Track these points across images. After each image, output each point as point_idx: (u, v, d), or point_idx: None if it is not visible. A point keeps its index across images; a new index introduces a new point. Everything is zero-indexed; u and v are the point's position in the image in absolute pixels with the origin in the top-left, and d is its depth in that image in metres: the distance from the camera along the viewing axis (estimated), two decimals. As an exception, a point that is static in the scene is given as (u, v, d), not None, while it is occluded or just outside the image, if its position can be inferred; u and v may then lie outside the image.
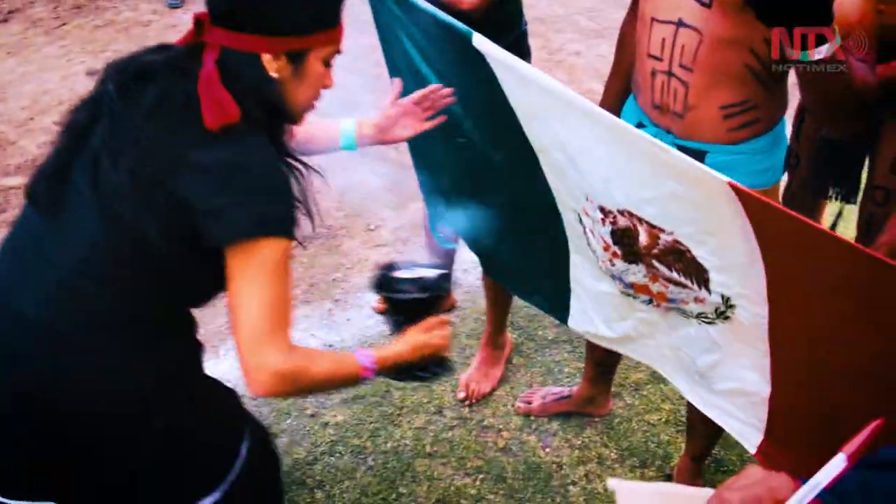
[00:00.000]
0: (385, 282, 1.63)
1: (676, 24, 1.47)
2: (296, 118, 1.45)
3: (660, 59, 1.52)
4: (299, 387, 1.34)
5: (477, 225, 2.09)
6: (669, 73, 1.51)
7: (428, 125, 1.78)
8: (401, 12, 1.85)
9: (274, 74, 1.31)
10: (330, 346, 2.71)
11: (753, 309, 1.35)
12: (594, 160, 1.48)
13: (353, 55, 2.18)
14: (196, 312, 1.50)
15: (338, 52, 1.39)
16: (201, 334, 1.53)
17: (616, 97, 1.93)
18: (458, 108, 1.85)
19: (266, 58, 1.30)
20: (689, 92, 1.49)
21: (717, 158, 1.53)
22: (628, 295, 1.67)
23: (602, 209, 1.52)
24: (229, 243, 1.26)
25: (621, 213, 1.48)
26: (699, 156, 1.54)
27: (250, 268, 1.26)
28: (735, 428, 1.68)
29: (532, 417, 2.44)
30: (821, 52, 1.10)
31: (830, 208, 2.60)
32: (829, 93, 1.22)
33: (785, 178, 1.97)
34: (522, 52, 2.11)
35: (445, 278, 1.69)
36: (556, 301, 2.01)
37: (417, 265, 1.67)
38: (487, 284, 2.47)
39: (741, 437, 1.67)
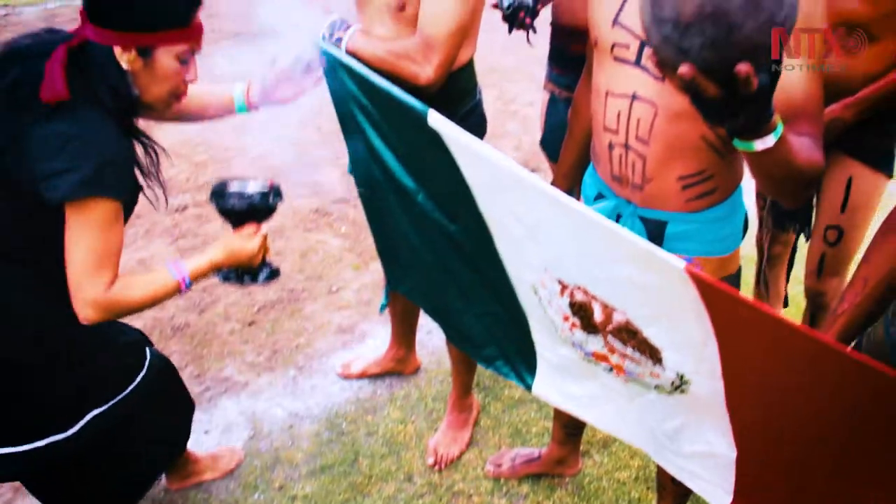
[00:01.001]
0: (217, 192, 1.86)
1: (631, 98, 1.50)
2: (154, 106, 1.65)
3: (616, 133, 1.54)
4: (120, 311, 1.64)
5: (433, 292, 2.09)
6: (626, 146, 1.53)
7: (308, 88, 1.98)
8: (354, 84, 1.86)
9: (125, 66, 1.54)
10: (295, 415, 2.68)
11: (710, 384, 1.36)
12: (550, 236, 1.49)
13: (313, 110, 2.20)
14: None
15: (193, 50, 1.61)
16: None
17: (572, 165, 1.96)
18: (413, 179, 1.86)
19: (118, 50, 1.52)
20: (647, 164, 1.51)
21: (677, 227, 1.55)
22: (590, 362, 1.68)
23: (560, 282, 1.53)
24: (64, 202, 1.50)
25: (578, 288, 1.49)
26: (659, 225, 1.57)
27: (79, 223, 1.53)
28: (704, 489, 1.68)
29: (502, 480, 2.43)
30: (765, 144, 1.12)
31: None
32: (772, 178, 1.25)
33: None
34: (477, 121, 2.13)
35: (268, 195, 1.88)
36: (521, 366, 2.00)
37: (248, 181, 1.89)
38: (452, 348, 2.47)
39: (711, 498, 1.67)
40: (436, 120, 1.60)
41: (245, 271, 1.89)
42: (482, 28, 2.01)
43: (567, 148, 1.98)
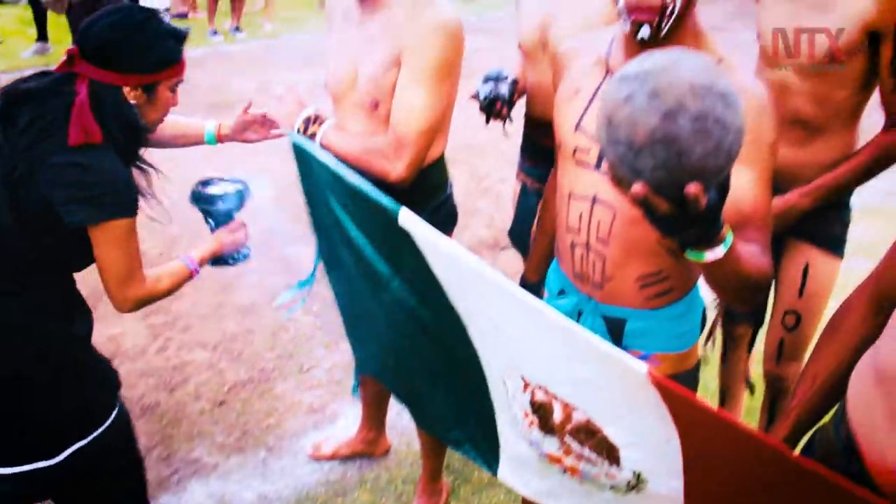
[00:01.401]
0: (197, 195, 2.16)
1: (592, 201, 1.57)
2: (150, 130, 1.89)
3: (578, 233, 1.61)
4: (152, 300, 1.89)
5: (403, 375, 2.12)
6: (588, 247, 1.60)
7: (274, 135, 2.24)
8: (327, 176, 1.92)
9: (133, 101, 1.77)
10: (265, 497, 2.67)
11: (669, 483, 1.39)
12: (514, 334, 1.53)
13: (285, 186, 2.26)
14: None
15: (181, 80, 1.85)
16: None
17: (543, 258, 2.03)
18: (385, 268, 1.90)
19: (126, 89, 1.75)
20: (607, 264, 1.58)
21: (636, 325, 1.61)
22: (545, 462, 1.71)
23: (523, 378, 1.58)
24: (87, 225, 1.71)
25: (539, 387, 1.53)
26: (619, 322, 1.63)
27: (106, 241, 1.75)
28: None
29: (472, 566, 2.43)
30: (715, 255, 1.19)
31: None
32: (723, 286, 1.31)
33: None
34: (448, 213, 2.20)
35: (242, 194, 2.19)
36: (487, 451, 2.03)
37: (224, 180, 2.20)
38: (421, 431, 2.49)
39: None
40: (406, 219, 1.66)
41: (229, 255, 2.22)
42: (454, 110, 2.08)
43: (538, 241, 2.05)
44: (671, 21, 1.42)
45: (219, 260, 2.19)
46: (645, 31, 1.43)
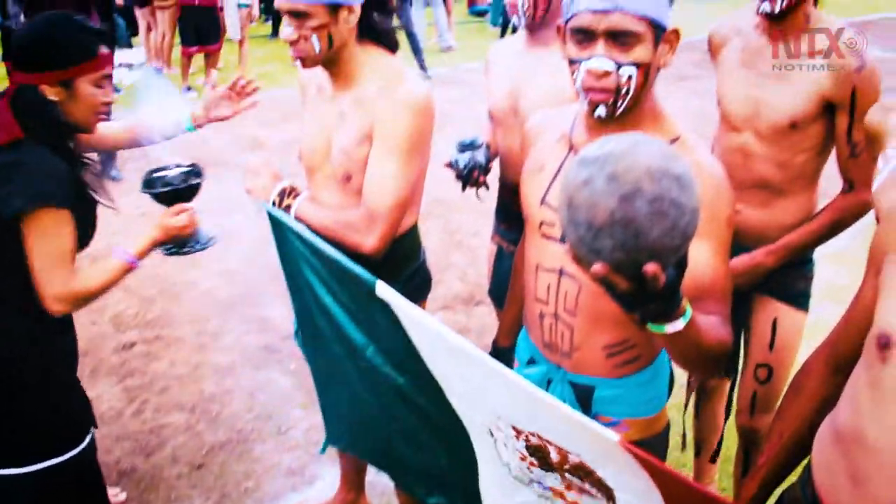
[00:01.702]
0: (147, 182, 2.25)
1: (559, 273, 1.62)
2: (83, 128, 2.03)
3: (546, 304, 1.66)
4: (82, 301, 1.98)
5: (380, 442, 2.14)
6: (556, 317, 1.65)
7: (243, 108, 2.45)
8: (302, 246, 1.97)
9: (53, 98, 1.91)
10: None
11: None
12: (496, 394, 1.57)
13: (261, 246, 2.29)
14: None
15: (106, 75, 1.98)
16: None
17: (515, 322, 2.07)
18: (361, 335, 1.94)
19: (45, 88, 1.90)
20: (574, 334, 1.63)
21: (604, 392, 1.66)
22: (546, 499, 1.73)
23: (514, 427, 1.61)
24: (20, 214, 1.84)
25: (532, 434, 1.57)
26: (588, 390, 1.67)
27: (31, 233, 1.87)
28: None
29: None
30: (675, 328, 1.24)
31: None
32: (683, 356, 1.37)
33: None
34: (422, 280, 2.25)
35: (188, 178, 2.26)
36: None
37: (173, 166, 2.31)
38: (400, 492, 2.50)
39: None
40: (383, 290, 1.71)
41: (185, 243, 2.23)
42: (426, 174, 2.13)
43: (508, 308, 2.10)
44: (627, 101, 1.49)
45: (172, 248, 2.21)
46: (601, 111, 1.50)
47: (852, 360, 1.35)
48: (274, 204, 2.06)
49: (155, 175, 2.27)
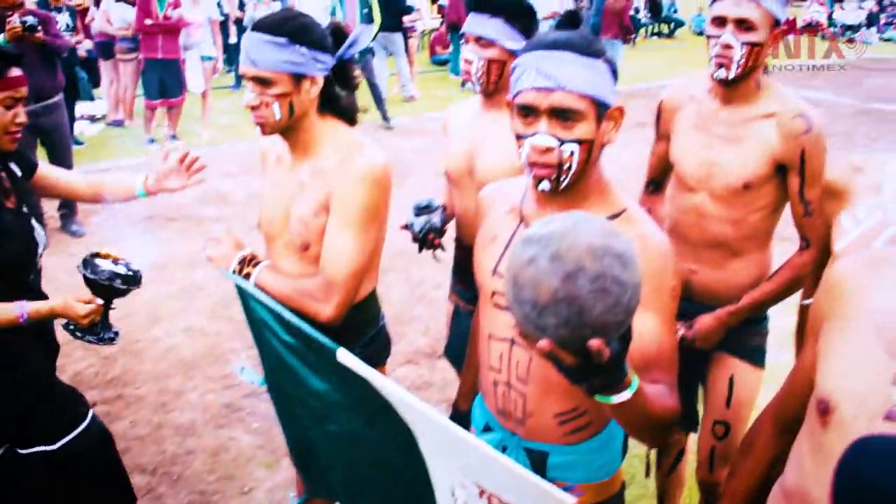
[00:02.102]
0: (85, 261, 2.31)
1: (510, 342, 1.67)
2: None
3: (499, 372, 1.70)
4: None
5: (350, 495, 2.15)
6: (509, 385, 1.69)
7: (193, 183, 2.56)
8: (265, 311, 1.99)
9: None
10: None
11: None
12: (460, 453, 1.59)
13: (225, 302, 2.30)
14: None
15: (15, 97, 2.19)
16: None
17: (471, 388, 2.11)
18: (331, 397, 1.95)
19: None
20: (527, 402, 1.66)
21: (558, 458, 1.69)
22: None
23: (478, 486, 1.63)
24: None
25: (493, 495, 1.58)
26: (542, 456, 1.70)
27: None
28: None
29: None
30: (622, 398, 1.29)
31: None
32: (631, 425, 1.41)
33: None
34: (381, 344, 2.28)
35: (119, 278, 2.30)
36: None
37: (120, 263, 2.34)
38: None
39: None
40: (344, 357, 1.73)
41: (84, 330, 2.32)
42: (391, 213, 2.17)
43: (466, 373, 2.13)
44: (570, 176, 1.54)
45: (70, 327, 2.32)
46: (545, 185, 1.55)
47: (798, 420, 1.40)
48: (235, 272, 2.09)
49: (95, 260, 2.33)
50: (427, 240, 2.61)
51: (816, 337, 1.34)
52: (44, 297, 2.34)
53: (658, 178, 2.72)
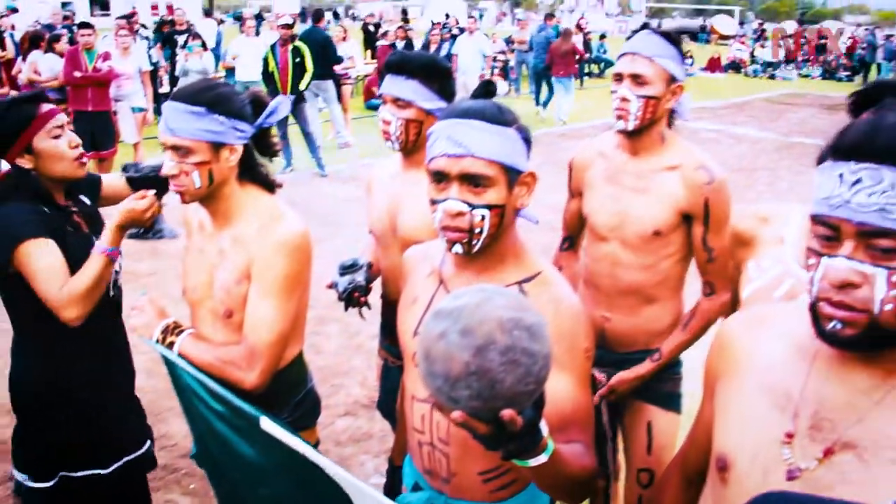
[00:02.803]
0: (125, 166, 2.61)
1: (432, 404, 1.70)
2: (70, 176, 2.40)
3: (423, 433, 1.73)
4: (81, 299, 2.27)
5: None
6: (432, 445, 1.72)
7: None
8: (190, 378, 1.99)
9: (28, 165, 2.31)
10: None
11: None
12: None
13: (160, 360, 2.28)
14: None
15: (56, 126, 2.33)
16: None
17: (404, 444, 2.13)
18: (261, 461, 1.95)
19: (20, 161, 2.31)
20: (450, 461, 1.69)
21: (485, 516, 1.72)
22: None
23: None
24: (4, 265, 2.26)
25: None
26: (470, 513, 1.73)
27: (24, 266, 2.25)
28: None
29: None
30: (538, 461, 1.32)
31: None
32: (550, 486, 1.45)
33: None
34: (310, 406, 2.29)
35: (155, 169, 2.44)
36: None
37: (147, 165, 2.59)
38: None
39: None
40: (267, 424, 1.75)
41: (147, 229, 2.65)
42: (326, 260, 2.19)
43: (399, 426, 2.15)
44: (482, 240, 1.59)
45: (135, 232, 2.55)
46: (458, 248, 1.60)
47: (702, 473, 1.45)
48: (158, 341, 2.09)
49: (135, 164, 2.60)
50: (352, 298, 2.64)
51: (712, 394, 1.40)
52: (120, 307, 2.63)
53: (573, 235, 2.81)
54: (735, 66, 26.99)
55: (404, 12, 28.07)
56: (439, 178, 1.60)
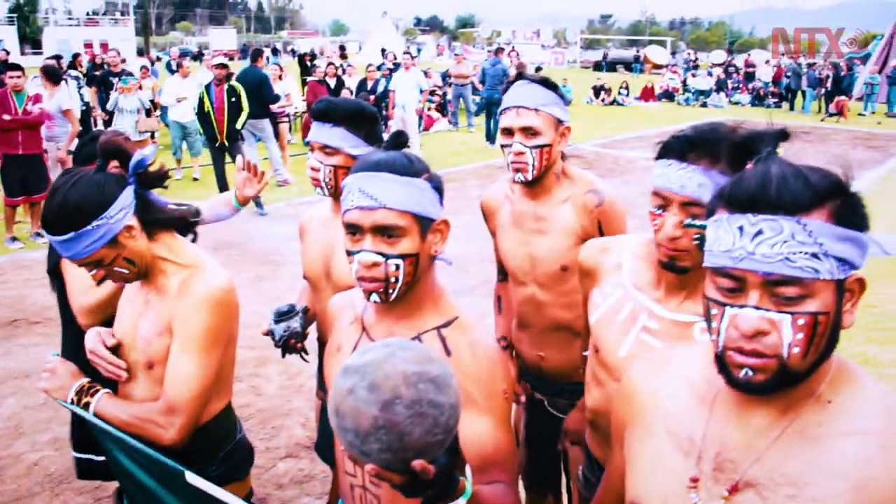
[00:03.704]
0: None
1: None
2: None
3: (354, 476, 1.75)
4: (90, 312, 2.59)
5: None
6: (364, 488, 1.74)
7: (260, 187, 3.04)
8: (114, 439, 1.97)
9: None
10: None
11: None
12: None
13: None
14: None
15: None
16: None
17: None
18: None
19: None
20: (382, 503, 1.72)
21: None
22: None
23: None
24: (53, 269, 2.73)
25: None
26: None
27: (64, 271, 2.71)
28: None
29: None
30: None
31: None
32: None
33: None
34: (242, 455, 2.27)
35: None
36: None
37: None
38: None
39: None
40: (193, 478, 1.75)
41: None
42: (267, 298, 2.19)
43: (337, 468, 2.16)
44: (398, 288, 1.63)
45: None
46: (375, 298, 1.64)
47: None
48: (73, 402, 2.05)
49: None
50: (288, 345, 2.65)
51: (622, 441, 1.44)
52: None
53: (504, 270, 2.86)
54: (668, 95, 27.70)
55: (342, 48, 28.26)
56: (353, 230, 1.64)
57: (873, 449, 1.13)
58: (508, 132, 2.49)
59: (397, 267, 1.61)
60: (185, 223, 2.16)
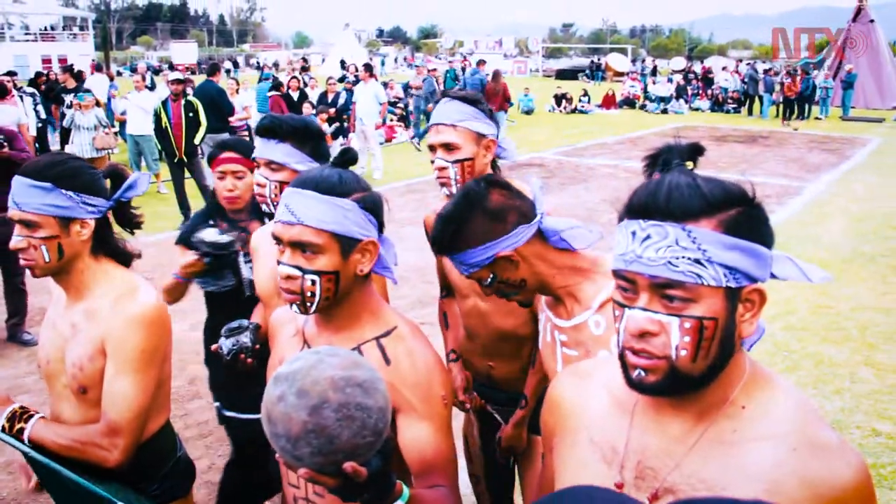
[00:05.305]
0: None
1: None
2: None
3: (298, 488, 1.76)
4: None
5: None
6: (307, 500, 1.75)
7: None
8: (47, 470, 1.91)
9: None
10: None
11: None
12: None
13: None
14: None
15: (223, 171, 3.00)
16: None
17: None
18: None
19: None
20: (327, 515, 1.73)
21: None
22: None
23: None
24: None
25: None
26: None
27: None
28: None
29: None
30: None
31: None
32: None
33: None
34: (183, 473, 2.25)
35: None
36: None
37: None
38: None
39: None
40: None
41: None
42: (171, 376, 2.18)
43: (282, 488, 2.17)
44: (318, 303, 1.65)
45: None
46: (296, 309, 1.67)
47: None
48: (5, 430, 1.99)
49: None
50: (237, 360, 2.63)
51: (551, 450, 1.47)
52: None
53: (447, 285, 2.90)
54: (629, 102, 28.01)
55: (304, 60, 28.21)
56: (277, 242, 1.67)
57: (785, 451, 1.16)
58: (432, 148, 2.56)
59: (313, 282, 1.63)
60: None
